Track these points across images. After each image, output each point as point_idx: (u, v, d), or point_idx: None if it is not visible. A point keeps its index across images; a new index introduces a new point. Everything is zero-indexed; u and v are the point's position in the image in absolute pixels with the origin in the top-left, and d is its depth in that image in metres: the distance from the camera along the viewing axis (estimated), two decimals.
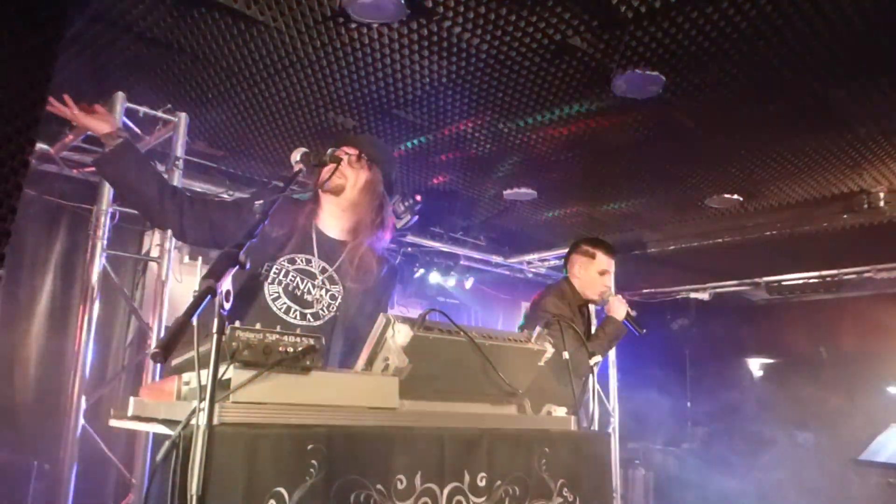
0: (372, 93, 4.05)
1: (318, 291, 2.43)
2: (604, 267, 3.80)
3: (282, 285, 2.38)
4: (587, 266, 3.81)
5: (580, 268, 3.83)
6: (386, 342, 1.93)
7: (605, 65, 3.64)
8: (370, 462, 1.66)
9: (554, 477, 2.05)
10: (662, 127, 4.41)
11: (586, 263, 3.82)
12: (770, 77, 3.70)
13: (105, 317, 3.90)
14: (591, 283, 3.78)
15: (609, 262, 3.83)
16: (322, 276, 2.45)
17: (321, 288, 2.44)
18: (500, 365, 2.10)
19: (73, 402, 3.50)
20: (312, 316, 2.42)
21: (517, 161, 5.10)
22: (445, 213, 6.36)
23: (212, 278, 1.38)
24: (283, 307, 2.37)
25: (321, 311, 2.44)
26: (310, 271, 2.44)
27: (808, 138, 4.51)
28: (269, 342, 1.59)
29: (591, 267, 3.79)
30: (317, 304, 2.43)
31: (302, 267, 2.43)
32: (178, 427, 1.44)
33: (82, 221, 4.64)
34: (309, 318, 2.40)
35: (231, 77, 3.93)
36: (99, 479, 3.99)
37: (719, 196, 5.69)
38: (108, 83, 3.89)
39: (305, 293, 2.41)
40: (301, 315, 2.39)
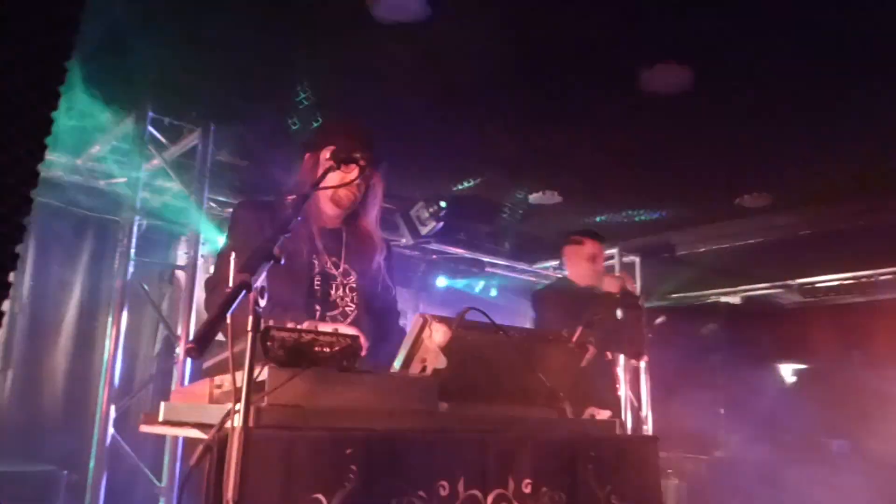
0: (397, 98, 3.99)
1: (339, 290, 2.38)
2: (592, 251, 3.92)
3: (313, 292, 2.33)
4: (577, 254, 3.95)
5: (571, 258, 4.01)
6: (423, 343, 1.86)
7: (631, 60, 3.56)
8: (411, 467, 1.59)
9: (601, 483, 1.96)
10: (691, 124, 4.32)
11: (576, 252, 3.97)
12: (806, 71, 3.59)
13: (132, 326, 3.88)
14: (585, 270, 3.91)
15: (596, 245, 3.96)
16: (337, 271, 2.40)
17: (342, 286, 2.39)
18: (540, 365, 2.02)
19: (102, 411, 3.46)
20: (341, 315, 2.35)
21: (542, 164, 5.02)
22: (469, 218, 6.29)
23: (246, 272, 1.31)
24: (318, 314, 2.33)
25: (347, 309, 2.38)
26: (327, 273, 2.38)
27: (838, 133, 4.38)
28: (306, 341, 1.52)
29: (581, 254, 3.93)
30: (341, 303, 2.38)
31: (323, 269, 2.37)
32: (213, 430, 1.38)
33: (108, 232, 4.63)
34: (338, 318, 2.35)
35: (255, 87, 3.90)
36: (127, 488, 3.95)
37: (750, 195, 5.56)
38: (135, 94, 3.87)
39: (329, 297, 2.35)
40: (332, 318, 2.34)
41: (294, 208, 1.64)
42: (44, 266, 4.48)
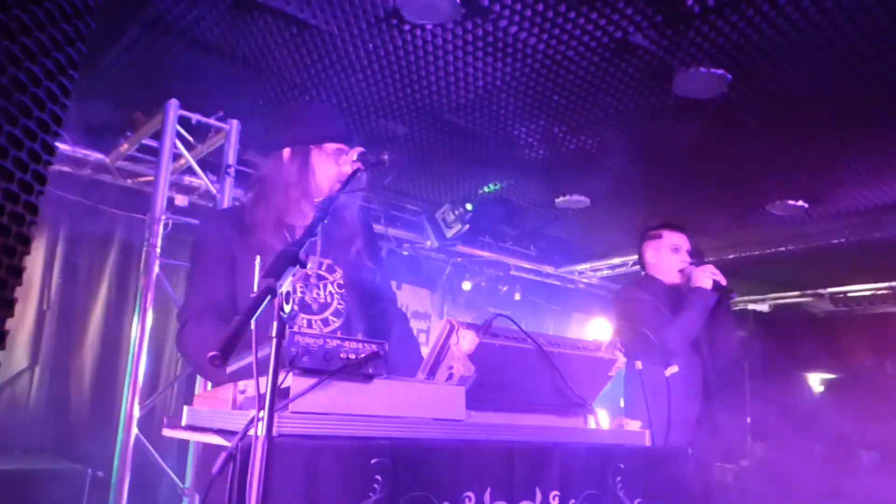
0: (424, 97, 3.97)
1: (320, 292, 2.22)
2: (675, 242, 3.53)
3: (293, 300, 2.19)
4: (658, 248, 3.56)
5: (652, 253, 3.59)
6: (450, 349, 1.82)
7: (667, 63, 3.50)
8: (437, 477, 1.55)
9: (630, 496, 1.91)
10: (725, 128, 4.23)
11: (656, 246, 3.58)
12: (844, 73, 3.50)
13: (158, 326, 3.88)
14: (668, 264, 3.51)
15: (679, 236, 3.56)
16: (318, 271, 2.24)
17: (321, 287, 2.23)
18: (570, 374, 1.97)
19: (126, 411, 3.47)
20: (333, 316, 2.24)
21: (570, 167, 4.96)
22: (495, 221, 6.24)
23: (271, 278, 1.28)
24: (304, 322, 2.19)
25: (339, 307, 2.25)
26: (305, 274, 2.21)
27: (881, 139, 4.26)
28: (330, 348, 1.49)
29: (662, 247, 3.54)
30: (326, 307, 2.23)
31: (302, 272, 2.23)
32: (236, 438, 1.35)
33: (136, 231, 4.65)
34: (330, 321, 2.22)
35: (283, 83, 3.90)
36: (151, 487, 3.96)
37: (782, 202, 5.44)
38: (162, 90, 3.88)
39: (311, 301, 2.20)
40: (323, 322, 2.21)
41: (322, 211, 1.60)
42: (72, 264, 4.51)
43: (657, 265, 3.55)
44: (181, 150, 3.98)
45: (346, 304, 2.25)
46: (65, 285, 4.46)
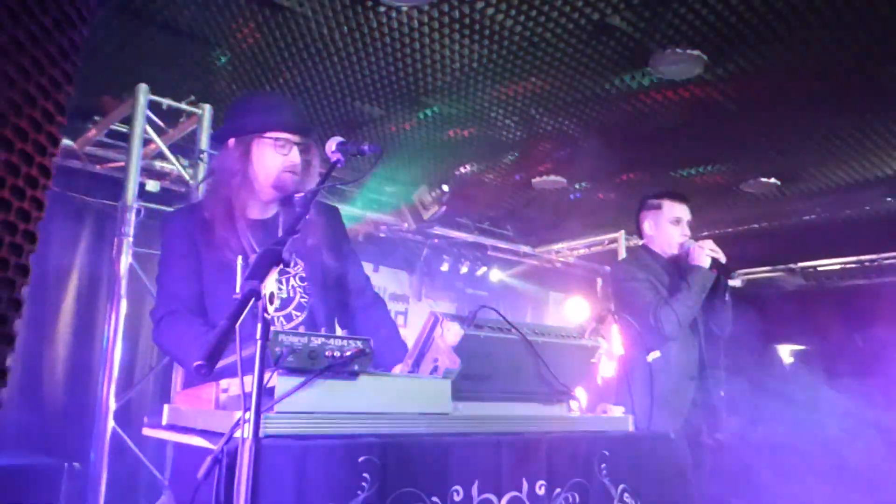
0: (399, 80, 3.92)
1: (282, 287, 2.21)
2: (675, 214, 3.34)
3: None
4: (657, 219, 3.37)
5: (650, 224, 3.40)
6: (434, 342, 1.81)
7: (644, 45, 3.48)
8: (425, 473, 1.55)
9: (614, 482, 1.93)
10: (700, 109, 4.24)
11: (655, 217, 3.38)
12: (818, 55, 3.51)
13: (132, 315, 3.80)
14: (667, 237, 3.32)
15: (681, 207, 3.37)
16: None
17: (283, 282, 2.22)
18: (554, 363, 1.98)
19: (103, 403, 3.42)
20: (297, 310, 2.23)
21: (547, 147, 4.94)
22: (472, 202, 6.23)
23: (255, 279, 1.26)
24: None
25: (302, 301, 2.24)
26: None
27: (853, 119, 4.31)
28: (315, 346, 1.47)
29: (661, 218, 3.35)
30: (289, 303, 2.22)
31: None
32: (221, 441, 1.33)
33: (107, 218, 4.56)
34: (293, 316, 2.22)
35: (256, 67, 3.82)
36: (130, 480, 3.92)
37: (756, 180, 5.49)
38: (131, 74, 3.79)
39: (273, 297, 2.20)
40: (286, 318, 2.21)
41: (303, 207, 1.57)
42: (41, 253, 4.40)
43: (655, 237, 3.38)
44: (152, 136, 3.89)
45: (308, 298, 2.24)
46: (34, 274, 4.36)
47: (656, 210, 3.39)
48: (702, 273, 3.13)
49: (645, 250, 3.43)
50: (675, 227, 3.32)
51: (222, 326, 1.19)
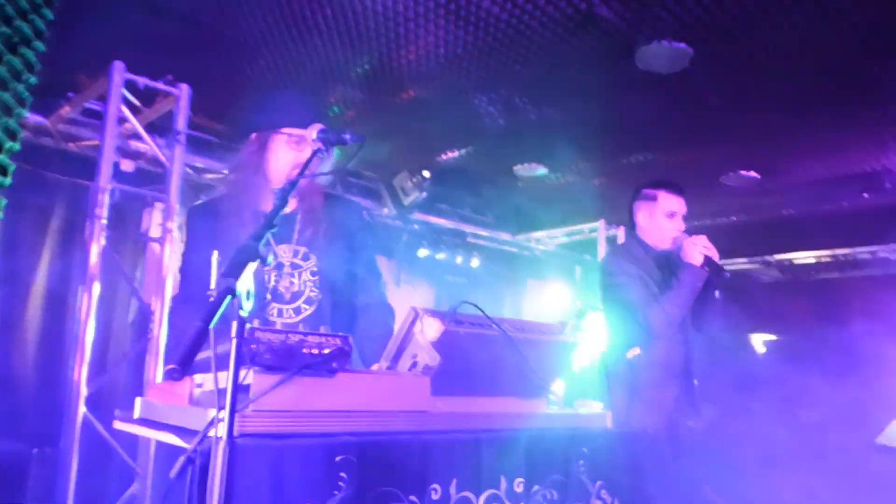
0: (383, 64, 3.86)
1: (294, 280, 2.25)
2: (670, 208, 3.20)
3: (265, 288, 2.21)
4: (651, 211, 3.23)
5: (644, 216, 3.26)
6: (414, 338, 1.78)
7: (630, 37, 3.46)
8: (403, 472, 1.53)
9: (592, 479, 1.92)
10: (683, 102, 4.24)
11: (649, 208, 3.24)
12: (802, 49, 3.52)
13: (105, 298, 3.73)
14: (660, 231, 3.19)
15: (676, 201, 3.24)
16: (292, 259, 2.26)
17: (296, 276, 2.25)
18: (534, 359, 1.96)
19: (74, 389, 3.35)
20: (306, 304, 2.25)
21: (529, 135, 4.92)
22: (453, 188, 6.19)
23: (231, 277, 1.22)
24: (274, 311, 2.22)
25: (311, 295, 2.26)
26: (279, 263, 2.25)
27: (834, 115, 4.33)
28: (292, 343, 1.44)
29: (656, 211, 3.21)
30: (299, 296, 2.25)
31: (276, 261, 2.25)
32: (195, 441, 1.30)
33: (80, 197, 4.46)
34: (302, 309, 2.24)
35: (235, 46, 3.74)
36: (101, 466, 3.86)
37: (736, 173, 5.53)
38: (107, 52, 3.68)
39: (284, 290, 2.23)
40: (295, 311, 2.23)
41: (281, 198, 1.53)
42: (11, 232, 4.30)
43: (648, 229, 3.25)
44: (127, 115, 3.79)
45: (318, 292, 2.26)
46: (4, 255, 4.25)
47: (651, 202, 3.25)
48: (693, 271, 3.03)
49: (637, 242, 3.32)
50: (669, 221, 3.20)
51: (196, 328, 1.15)
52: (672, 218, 3.20)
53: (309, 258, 2.28)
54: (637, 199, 3.33)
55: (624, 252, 3.33)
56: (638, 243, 3.30)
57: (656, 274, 3.20)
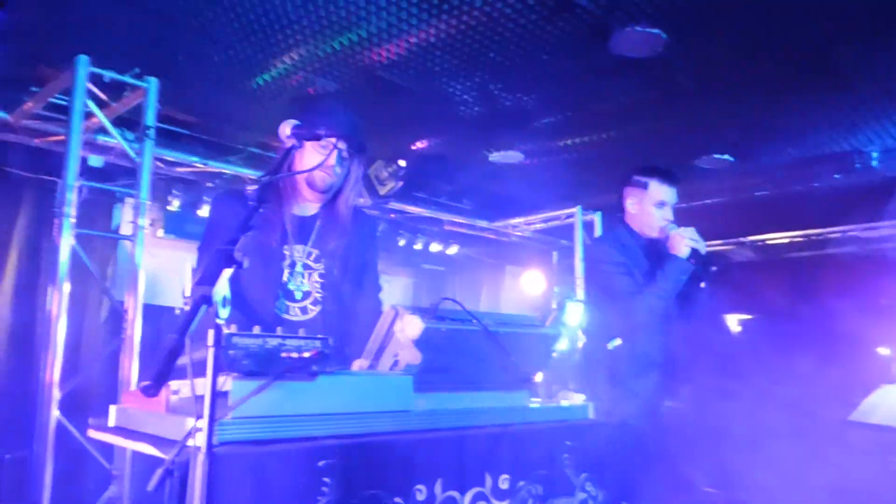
0: (356, 53, 3.80)
1: (304, 280, 2.31)
2: (661, 197, 3.14)
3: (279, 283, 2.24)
4: (641, 199, 3.16)
5: (633, 203, 3.20)
6: (395, 336, 1.76)
7: (604, 22, 3.43)
8: (387, 473, 1.51)
9: (576, 472, 1.92)
10: (658, 87, 4.24)
11: (639, 196, 3.17)
12: (774, 33, 3.52)
13: (76, 297, 3.64)
14: (649, 220, 3.14)
15: (668, 191, 3.16)
16: (305, 260, 2.33)
17: (306, 276, 2.32)
18: (516, 352, 1.94)
19: (46, 392, 3.28)
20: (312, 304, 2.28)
21: (505, 123, 4.89)
22: (430, 177, 6.15)
23: (206, 284, 1.18)
24: (283, 307, 2.26)
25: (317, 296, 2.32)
26: (293, 261, 2.32)
27: (806, 98, 4.36)
28: (271, 348, 1.41)
29: (646, 199, 3.15)
30: (307, 297, 2.31)
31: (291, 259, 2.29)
32: (173, 451, 1.26)
33: (47, 194, 4.36)
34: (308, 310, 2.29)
35: (203, 37, 3.65)
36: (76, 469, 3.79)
37: (710, 157, 5.55)
38: (71, 46, 3.58)
39: (295, 288, 2.29)
40: (301, 310, 2.28)
41: (256, 200, 1.49)
42: None
43: (637, 217, 3.19)
44: (94, 110, 3.69)
45: (323, 294, 2.32)
46: None
47: (642, 189, 3.17)
48: (679, 264, 2.98)
49: (625, 228, 3.25)
50: (658, 210, 3.13)
51: (172, 341, 1.12)
52: (662, 207, 3.14)
53: (320, 261, 2.34)
54: (627, 185, 3.27)
55: (611, 239, 3.28)
56: (626, 230, 3.25)
57: (643, 262, 3.15)
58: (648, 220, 3.15)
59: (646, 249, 3.19)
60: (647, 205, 3.14)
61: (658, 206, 3.13)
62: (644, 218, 3.16)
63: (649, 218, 3.14)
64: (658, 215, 3.13)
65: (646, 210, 3.15)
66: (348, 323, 2.32)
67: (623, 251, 3.14)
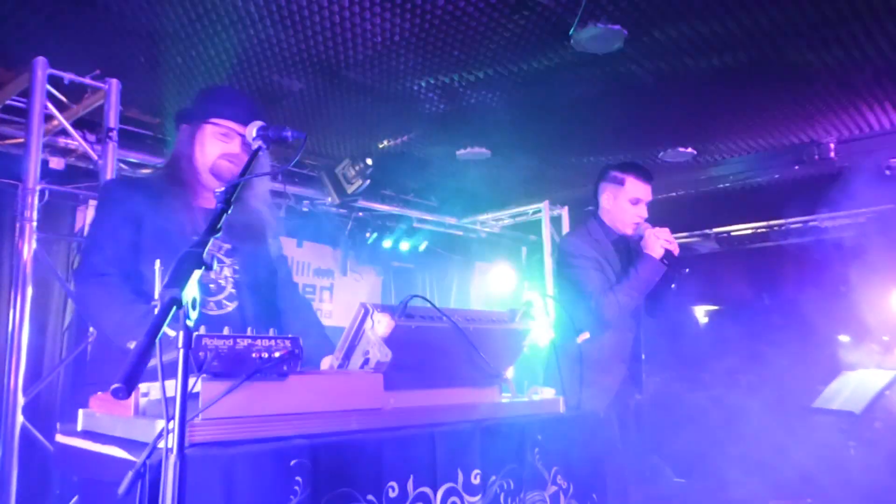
0: (320, 53, 3.79)
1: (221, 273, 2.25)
2: (636, 194, 3.16)
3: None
4: (616, 194, 3.19)
5: (608, 198, 3.23)
6: (365, 334, 1.77)
7: (565, 19, 3.47)
8: (359, 471, 1.52)
9: (547, 465, 1.96)
10: (620, 82, 4.29)
11: (615, 192, 3.19)
12: (730, 29, 3.59)
13: (38, 301, 3.59)
14: (622, 215, 3.17)
15: (643, 188, 3.19)
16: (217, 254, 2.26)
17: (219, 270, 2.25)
18: (486, 348, 1.97)
19: (10, 398, 3.22)
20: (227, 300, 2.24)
21: (470, 119, 4.91)
22: (396, 174, 6.15)
23: (175, 287, 1.18)
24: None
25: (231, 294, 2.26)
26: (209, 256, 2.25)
27: (763, 91, 4.45)
28: (241, 349, 1.41)
29: (621, 195, 3.17)
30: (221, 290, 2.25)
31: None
32: (144, 453, 1.26)
33: (5, 199, 4.27)
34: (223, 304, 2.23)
35: (165, 38, 3.61)
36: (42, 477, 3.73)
37: (673, 150, 5.64)
38: (27, 48, 3.51)
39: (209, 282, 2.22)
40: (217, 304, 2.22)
41: (224, 202, 1.49)
42: None
43: (611, 212, 3.23)
44: (53, 112, 3.63)
45: (238, 290, 2.25)
46: None
47: (617, 185, 3.21)
48: (652, 265, 3.01)
49: (597, 223, 3.29)
50: (632, 207, 3.17)
51: (142, 344, 1.12)
52: (636, 205, 3.18)
53: (233, 255, 2.28)
54: (603, 180, 3.30)
55: (584, 234, 3.29)
56: (598, 224, 3.28)
57: (614, 258, 3.19)
58: (622, 216, 3.19)
59: (617, 245, 3.23)
60: (622, 201, 3.18)
61: (633, 202, 3.17)
62: (618, 214, 3.20)
63: (623, 214, 3.18)
64: (632, 212, 3.17)
65: (620, 206, 3.19)
66: (269, 318, 2.27)
67: (595, 246, 3.18)
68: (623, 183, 3.20)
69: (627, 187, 3.19)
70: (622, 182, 3.21)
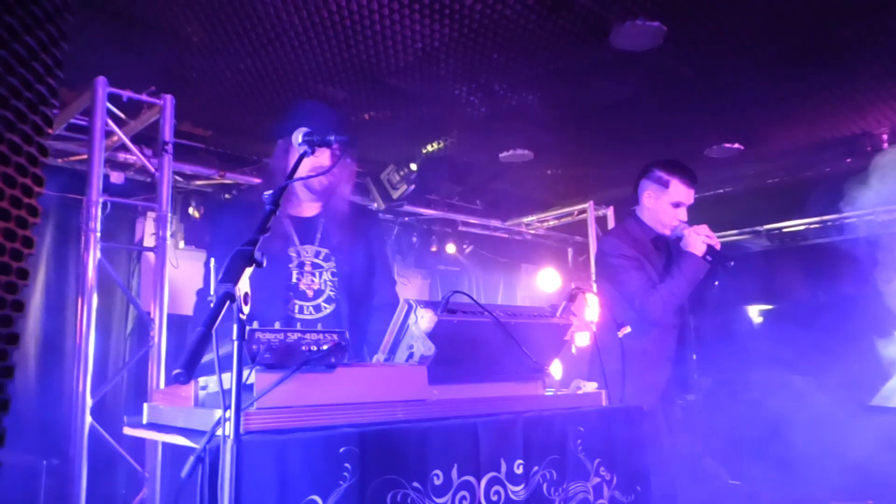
0: (362, 62, 3.89)
1: (315, 279, 2.40)
2: (679, 198, 3.14)
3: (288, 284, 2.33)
4: (659, 195, 3.17)
5: (650, 198, 3.21)
6: (409, 329, 1.84)
7: (603, 18, 3.50)
8: (405, 459, 1.58)
9: (590, 457, 1.99)
10: (661, 79, 4.28)
11: (658, 192, 3.17)
12: (772, 18, 3.55)
13: (102, 308, 3.77)
14: (662, 216, 3.15)
15: (687, 192, 3.16)
16: (314, 259, 2.39)
17: (317, 275, 2.40)
18: (527, 343, 2.02)
19: (79, 400, 3.40)
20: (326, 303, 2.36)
21: (512, 122, 4.96)
22: (440, 179, 6.23)
23: (229, 282, 1.27)
24: (295, 307, 2.36)
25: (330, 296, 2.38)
26: (301, 262, 2.39)
27: (811, 82, 4.38)
28: (292, 342, 1.49)
29: (664, 197, 3.15)
30: (319, 294, 2.39)
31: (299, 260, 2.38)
32: (203, 440, 1.35)
33: (70, 212, 4.49)
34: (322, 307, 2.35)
35: (214, 53, 3.76)
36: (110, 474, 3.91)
37: (719, 146, 5.58)
38: (88, 67, 3.70)
39: (306, 287, 2.38)
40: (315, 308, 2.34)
41: (272, 203, 1.58)
42: None
43: (651, 212, 3.20)
44: (113, 129, 3.82)
45: (337, 293, 2.40)
46: None
47: (661, 187, 3.19)
48: (696, 262, 2.99)
49: (636, 221, 3.27)
50: (673, 210, 3.15)
51: (200, 333, 1.21)
52: (678, 208, 3.15)
53: (330, 259, 2.43)
54: (646, 178, 3.27)
55: (622, 232, 3.27)
56: (636, 222, 3.26)
57: (654, 256, 3.17)
58: (663, 217, 3.17)
59: (656, 243, 3.21)
60: (664, 202, 3.17)
61: (675, 205, 3.15)
62: (658, 214, 3.18)
63: (664, 215, 3.16)
64: (673, 214, 3.14)
65: (662, 207, 3.17)
66: (364, 318, 2.40)
67: (634, 245, 3.16)
68: (668, 185, 3.18)
69: (671, 190, 3.16)
70: (667, 184, 3.18)
